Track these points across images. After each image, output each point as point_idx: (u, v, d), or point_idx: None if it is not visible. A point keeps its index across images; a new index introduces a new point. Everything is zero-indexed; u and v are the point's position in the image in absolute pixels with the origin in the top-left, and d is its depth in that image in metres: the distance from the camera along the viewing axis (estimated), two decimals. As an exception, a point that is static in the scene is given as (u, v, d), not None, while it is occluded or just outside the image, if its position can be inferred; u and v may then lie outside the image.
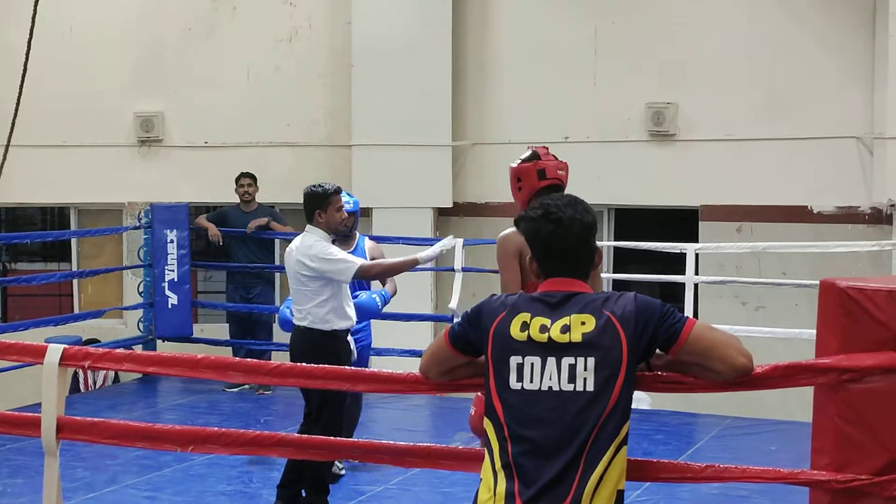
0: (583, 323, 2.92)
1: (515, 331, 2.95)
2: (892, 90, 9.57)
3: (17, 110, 10.87)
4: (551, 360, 2.91)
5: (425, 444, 3.62)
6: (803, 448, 3.58)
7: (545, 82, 10.88)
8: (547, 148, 4.91)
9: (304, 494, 6.01)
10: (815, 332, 3.25)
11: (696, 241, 10.10)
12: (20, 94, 10.79)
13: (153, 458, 7.08)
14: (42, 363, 3.94)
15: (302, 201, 6.08)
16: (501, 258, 4.71)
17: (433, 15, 10.95)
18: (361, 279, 6.13)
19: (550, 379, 2.91)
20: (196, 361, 3.80)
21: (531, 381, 2.92)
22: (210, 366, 3.76)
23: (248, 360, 4.08)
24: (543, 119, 10.85)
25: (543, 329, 2.93)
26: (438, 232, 11.06)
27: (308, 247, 5.93)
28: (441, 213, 11.16)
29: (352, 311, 6.15)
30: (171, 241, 9.86)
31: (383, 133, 10.93)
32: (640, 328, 2.91)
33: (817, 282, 3.35)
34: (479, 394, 4.03)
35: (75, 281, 11.86)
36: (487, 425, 3.01)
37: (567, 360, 2.90)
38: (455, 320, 3.18)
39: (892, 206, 9.68)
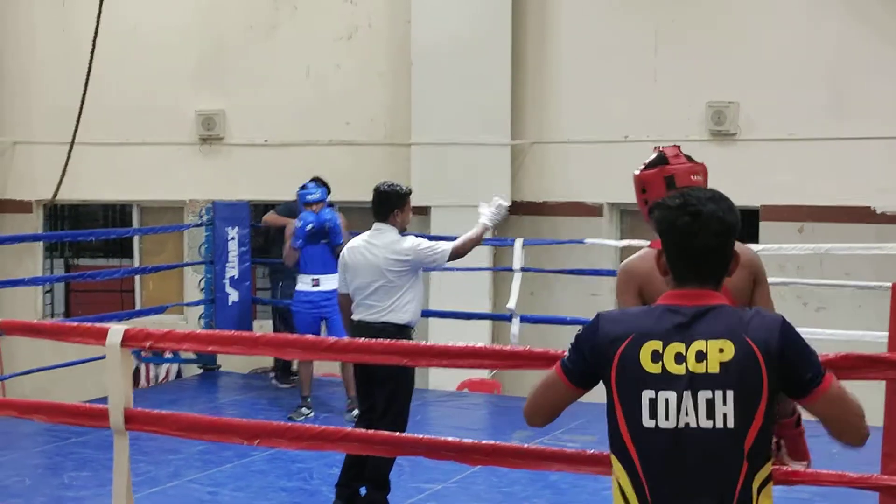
0: (721, 350, 2.61)
1: (646, 361, 2.64)
2: (958, 89, 9.44)
3: (81, 108, 11.06)
4: (687, 395, 2.61)
5: (490, 442, 3.64)
6: (865, 451, 3.54)
7: (605, 81, 10.84)
8: (678, 147, 4.16)
9: (363, 492, 6.04)
10: (878, 334, 3.24)
11: (757, 241, 10.01)
12: (85, 92, 10.98)
13: (215, 454, 7.15)
14: (104, 344, 4.02)
15: (374, 199, 6.21)
16: (619, 292, 3.88)
17: (493, 14, 10.94)
18: (455, 258, 6.24)
19: (687, 415, 2.61)
20: (255, 339, 3.90)
21: (666, 419, 2.62)
22: (268, 343, 3.85)
23: (307, 336, 4.13)
24: (603, 118, 10.81)
25: (679, 358, 2.63)
26: (497, 231, 11.04)
27: (394, 242, 6.08)
28: (499, 211, 11.12)
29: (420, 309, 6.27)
30: (232, 239, 9.94)
31: (442, 131, 10.94)
32: (784, 365, 2.63)
33: (881, 283, 3.31)
34: None
35: (137, 277, 12.01)
36: (616, 465, 2.73)
37: (704, 394, 2.61)
38: (565, 354, 2.83)
39: (958, 207, 9.54)
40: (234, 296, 9.98)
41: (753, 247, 8.91)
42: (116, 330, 4.04)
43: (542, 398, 2.87)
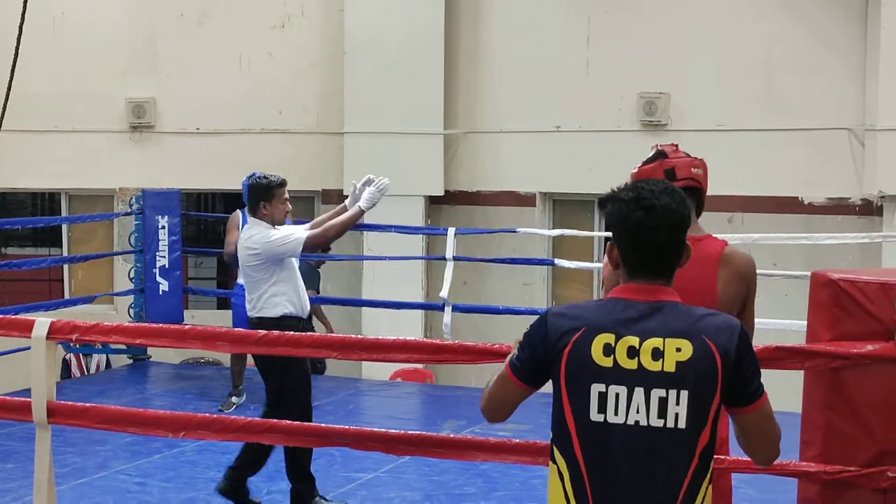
0: (678, 349, 2.57)
1: (598, 354, 2.58)
2: (883, 82, 9.59)
3: (8, 95, 10.85)
4: (639, 391, 2.56)
5: (417, 432, 3.63)
6: (790, 437, 3.60)
7: (537, 71, 10.87)
8: (676, 145, 4.06)
9: (292, 486, 5.98)
10: (805, 323, 3.26)
11: (687, 231, 10.10)
12: (11, 78, 10.77)
13: (143, 445, 7.08)
14: (29, 337, 3.96)
15: (246, 191, 5.97)
16: (605, 281, 3.70)
17: (426, 4, 10.93)
18: (314, 248, 5.97)
19: (638, 412, 2.56)
20: (183, 332, 3.85)
21: (615, 414, 2.57)
22: (197, 336, 3.80)
23: (236, 329, 4.09)
24: (535, 108, 10.85)
25: (632, 353, 2.58)
26: (430, 220, 11.07)
27: (251, 236, 5.90)
28: (433, 201, 11.16)
29: (305, 301, 6.05)
30: (163, 227, 9.83)
31: (375, 121, 10.91)
32: (738, 372, 2.60)
33: (808, 273, 3.34)
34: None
35: (66, 266, 11.84)
36: (558, 458, 2.67)
37: (657, 393, 2.56)
38: (512, 354, 2.74)
39: (883, 197, 9.70)
40: (164, 285, 9.87)
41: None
42: (42, 322, 3.97)
43: (495, 397, 2.79)
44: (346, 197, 6.44)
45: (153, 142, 11.67)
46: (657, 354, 2.55)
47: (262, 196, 5.90)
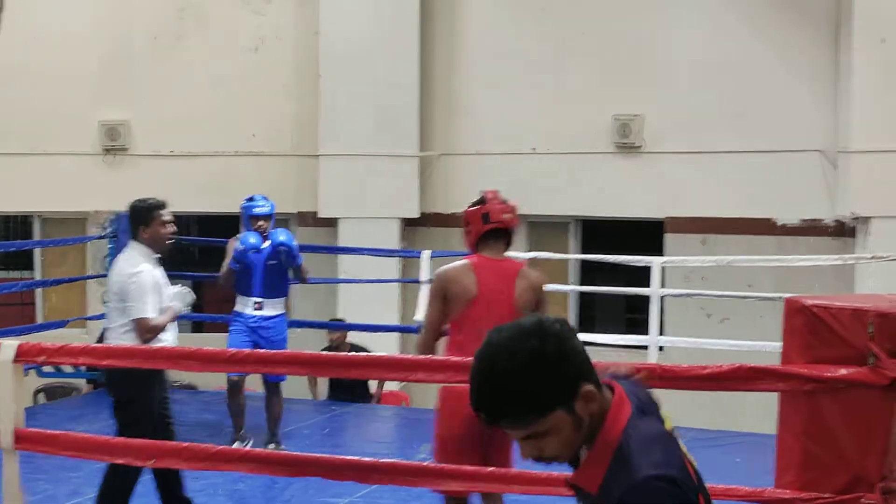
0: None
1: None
2: (855, 104, 9.66)
3: (-20, 118, 10.79)
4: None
5: (391, 461, 3.61)
6: (767, 460, 3.60)
7: (513, 94, 10.90)
8: (497, 192, 4.95)
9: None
10: (779, 345, 3.27)
11: (661, 253, 10.14)
12: (-17, 101, 10.71)
13: (116, 471, 7.00)
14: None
15: (126, 216, 5.84)
16: (430, 297, 4.92)
17: (401, 26, 10.95)
18: (137, 328, 5.53)
19: None
20: (152, 353, 3.81)
21: None
22: (166, 356, 3.76)
23: (205, 349, 4.00)
24: (511, 130, 10.87)
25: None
26: (405, 242, 11.05)
27: (123, 262, 5.72)
28: (408, 223, 11.15)
29: (170, 334, 5.75)
30: (136, 251, 9.75)
31: (350, 143, 10.91)
32: None
33: (781, 295, 3.35)
34: None
35: (38, 290, 11.74)
36: None
37: None
38: None
39: (855, 219, 9.76)
40: (138, 309, 9.77)
41: (658, 259, 9.06)
42: (9, 346, 3.93)
43: None
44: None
45: (127, 164, 11.62)
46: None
47: (140, 220, 5.69)
